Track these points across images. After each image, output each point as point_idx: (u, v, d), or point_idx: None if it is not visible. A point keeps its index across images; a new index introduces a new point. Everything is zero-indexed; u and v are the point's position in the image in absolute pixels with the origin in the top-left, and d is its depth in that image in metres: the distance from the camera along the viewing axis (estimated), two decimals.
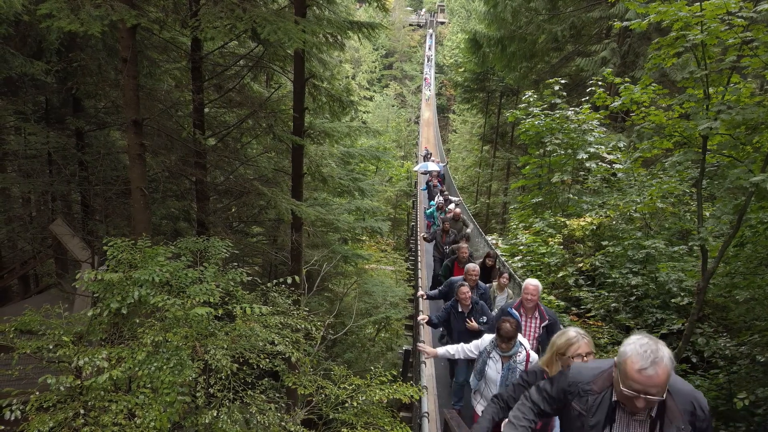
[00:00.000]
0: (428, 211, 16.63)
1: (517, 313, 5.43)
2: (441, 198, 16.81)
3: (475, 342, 5.03)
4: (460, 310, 6.38)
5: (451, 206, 14.87)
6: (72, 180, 10.48)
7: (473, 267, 7.13)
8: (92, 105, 11.18)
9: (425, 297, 8.46)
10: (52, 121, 10.70)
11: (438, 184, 20.68)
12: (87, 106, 10.95)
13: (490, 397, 3.79)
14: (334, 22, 9.22)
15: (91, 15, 5.76)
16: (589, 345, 3.23)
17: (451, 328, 6.52)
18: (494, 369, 4.74)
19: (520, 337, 4.80)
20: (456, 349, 5.06)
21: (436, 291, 7.96)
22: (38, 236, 11.84)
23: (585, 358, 3.17)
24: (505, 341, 4.60)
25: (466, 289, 6.31)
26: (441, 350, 5.11)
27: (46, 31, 8.17)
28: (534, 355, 4.82)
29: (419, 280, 12.16)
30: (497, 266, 9.41)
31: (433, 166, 23.84)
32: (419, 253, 14.86)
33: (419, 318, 7.20)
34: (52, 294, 11.06)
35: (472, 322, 6.25)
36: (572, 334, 3.29)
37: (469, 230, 12.58)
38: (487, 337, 4.93)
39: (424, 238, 13.59)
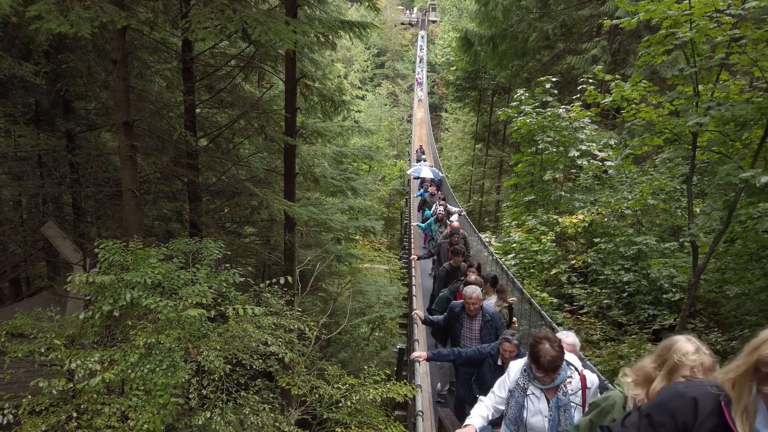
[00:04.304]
0: (424, 224, 14.27)
1: None
2: (441, 209, 14.70)
3: (500, 381, 3.56)
4: (500, 363, 4.88)
5: (454, 218, 13.22)
6: (63, 182, 10.41)
7: (471, 291, 5.79)
8: (82, 106, 11.10)
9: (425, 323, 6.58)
10: (42, 123, 10.61)
11: (436, 192, 18.02)
12: (77, 107, 10.88)
13: None
14: (326, 22, 9.22)
15: (80, 16, 5.73)
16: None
17: (482, 376, 5.04)
18: (537, 411, 3.30)
19: (567, 355, 3.37)
20: (489, 409, 3.55)
21: (438, 317, 6.45)
22: (29, 239, 11.76)
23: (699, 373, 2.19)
24: (549, 373, 3.17)
25: (509, 347, 4.76)
26: (477, 423, 3.47)
27: (35, 33, 8.11)
28: (593, 378, 3.46)
29: (415, 316, 9.83)
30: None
31: (427, 172, 20.85)
32: (413, 273, 11.89)
33: (415, 354, 5.60)
34: (43, 297, 10.98)
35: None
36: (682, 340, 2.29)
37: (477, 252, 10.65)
38: (515, 366, 3.47)
39: (419, 257, 11.36)
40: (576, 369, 3.36)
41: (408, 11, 77.64)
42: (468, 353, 5.05)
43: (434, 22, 73.24)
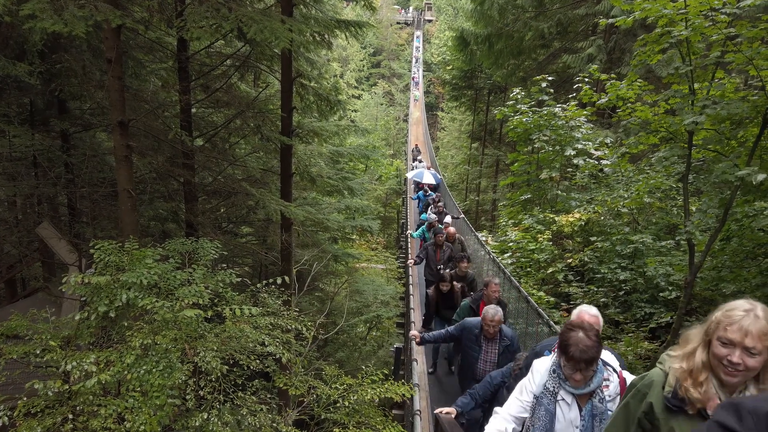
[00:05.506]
0: (416, 233, 13.23)
1: None
2: (432, 214, 14.00)
3: (521, 384, 2.91)
4: None
5: (448, 219, 12.85)
6: (58, 182, 10.36)
7: (493, 313, 5.20)
8: (77, 106, 11.05)
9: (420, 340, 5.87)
10: (37, 123, 10.55)
11: (436, 199, 17.08)
12: (72, 107, 10.83)
13: None
14: (322, 21, 9.18)
15: (75, 15, 5.69)
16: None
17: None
18: (568, 421, 2.69)
19: (604, 354, 2.80)
20: (508, 422, 2.83)
21: (442, 332, 5.87)
22: (24, 239, 11.70)
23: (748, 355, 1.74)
24: (581, 367, 2.56)
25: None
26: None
27: (29, 32, 8.07)
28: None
29: (411, 312, 9.57)
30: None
31: (428, 177, 19.58)
32: (410, 279, 11.38)
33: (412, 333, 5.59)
34: (39, 298, 10.92)
35: None
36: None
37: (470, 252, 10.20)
38: (541, 366, 2.84)
39: (415, 262, 10.63)
40: (614, 371, 2.80)
41: (403, 10, 77.64)
42: (481, 394, 4.29)
43: (430, 21, 73.29)
